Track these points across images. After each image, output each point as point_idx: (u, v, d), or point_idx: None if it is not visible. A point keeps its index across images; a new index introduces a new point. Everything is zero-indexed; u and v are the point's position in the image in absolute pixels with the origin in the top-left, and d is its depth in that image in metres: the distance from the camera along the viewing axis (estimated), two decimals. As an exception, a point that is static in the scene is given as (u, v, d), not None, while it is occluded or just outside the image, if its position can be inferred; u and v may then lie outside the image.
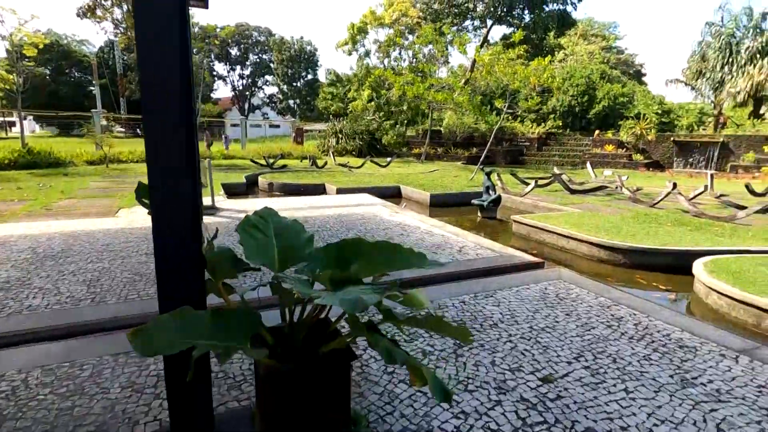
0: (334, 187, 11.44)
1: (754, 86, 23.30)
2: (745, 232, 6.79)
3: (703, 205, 9.65)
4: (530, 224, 7.23)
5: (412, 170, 17.65)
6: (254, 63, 62.02)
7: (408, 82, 18.84)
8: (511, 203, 10.32)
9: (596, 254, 6.07)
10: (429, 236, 6.04)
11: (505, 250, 5.40)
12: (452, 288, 4.09)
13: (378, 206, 8.56)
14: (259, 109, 64.68)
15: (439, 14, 32.41)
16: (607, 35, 49.75)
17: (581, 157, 21.57)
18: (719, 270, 4.63)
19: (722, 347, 2.98)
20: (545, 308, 3.61)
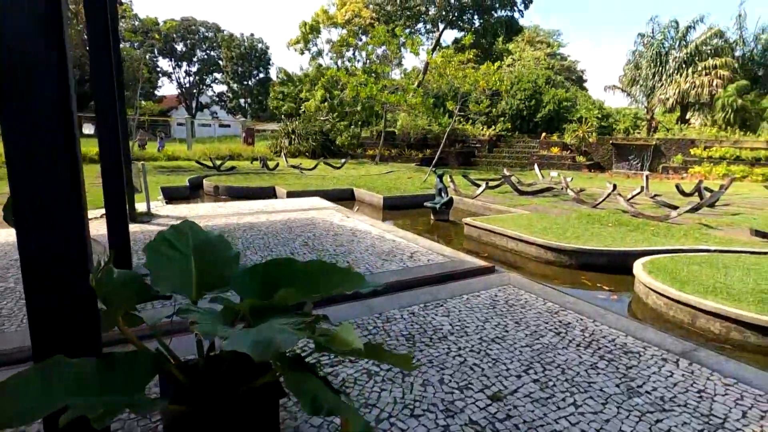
0: (284, 190, 11.02)
1: (681, 94, 25.27)
2: (678, 231, 7.19)
3: (640, 205, 10.20)
4: (481, 227, 7.26)
5: (366, 172, 17.48)
6: (202, 60, 59.38)
7: (361, 83, 18.66)
8: (464, 205, 10.40)
9: (544, 256, 6.17)
10: (380, 242, 5.87)
11: (456, 255, 5.33)
12: (402, 298, 3.93)
13: (329, 210, 8.29)
14: (208, 108, 62.04)
15: (392, 16, 32.52)
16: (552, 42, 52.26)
17: (530, 159, 22.38)
18: (657, 270, 4.80)
19: (663, 351, 3.02)
20: (495, 317, 3.53)
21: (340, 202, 10.95)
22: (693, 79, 24.75)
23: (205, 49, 59.50)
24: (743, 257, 5.42)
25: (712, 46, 25.87)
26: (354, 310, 3.59)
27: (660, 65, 26.98)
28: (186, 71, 59.47)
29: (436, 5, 30.84)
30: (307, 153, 24.29)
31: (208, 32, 58.59)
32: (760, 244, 6.42)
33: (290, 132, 25.13)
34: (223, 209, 8.13)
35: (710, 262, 5.15)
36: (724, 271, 4.77)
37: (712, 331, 3.92)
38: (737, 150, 19.18)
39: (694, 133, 22.70)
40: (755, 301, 3.94)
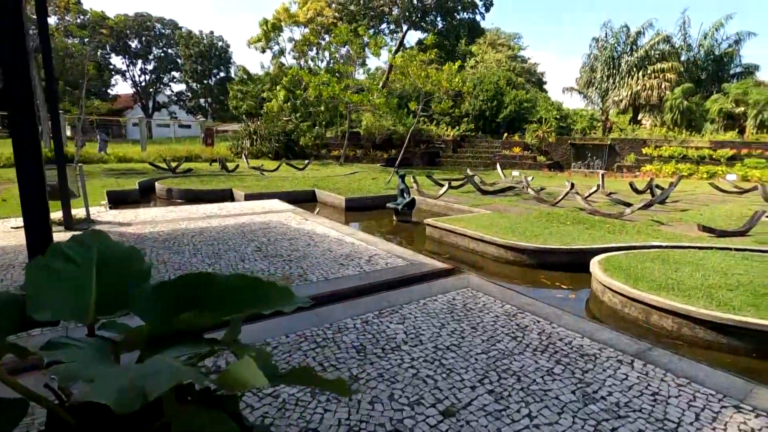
0: (242, 192, 10.58)
1: (633, 96, 26.46)
2: (632, 228, 7.38)
3: (597, 202, 10.48)
4: (442, 227, 7.17)
5: (330, 173, 17.17)
6: (158, 58, 56.94)
7: (323, 82, 18.32)
8: (426, 206, 10.33)
9: (504, 256, 6.14)
10: (338, 245, 5.64)
11: (416, 257, 5.19)
12: (357, 305, 3.73)
13: (287, 213, 7.97)
14: (166, 107, 59.55)
15: (356, 16, 32.30)
16: (513, 45, 53.62)
17: (493, 159, 22.74)
18: (612, 268, 4.84)
19: (619, 352, 2.97)
20: (452, 322, 3.40)
21: (301, 204, 10.63)
22: (643, 81, 25.97)
23: (162, 47, 57.11)
24: (692, 252, 5.58)
25: (660, 50, 27.25)
26: (302, 321, 3.35)
27: (613, 68, 28.16)
28: (141, 69, 56.88)
29: (399, 6, 30.87)
30: (269, 154, 23.66)
31: (164, 29, 56.26)
32: (706, 240, 6.67)
33: (252, 133, 24.41)
34: (172, 213, 7.65)
35: (662, 258, 5.26)
36: (674, 267, 4.87)
37: (665, 328, 3.96)
38: (684, 149, 20.24)
39: (645, 133, 23.81)
40: (703, 296, 4.01)
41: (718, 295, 4.02)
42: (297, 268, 4.65)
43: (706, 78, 27.35)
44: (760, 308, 3.72)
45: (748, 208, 10.25)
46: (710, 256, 5.37)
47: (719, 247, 6.05)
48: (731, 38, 26.48)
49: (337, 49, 29.16)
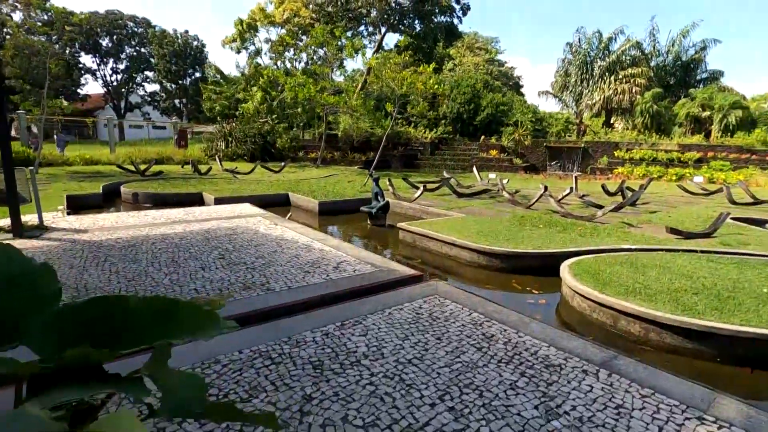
0: (212, 196, 10.25)
1: (605, 99, 27.09)
2: (603, 231, 7.44)
3: (570, 205, 10.58)
4: (416, 231, 7.07)
5: (306, 175, 16.92)
6: (131, 57, 55.34)
7: (299, 84, 18.05)
8: (401, 209, 10.22)
9: (477, 260, 6.07)
10: (306, 252, 5.46)
11: (386, 264, 5.05)
12: (319, 316, 3.56)
13: (257, 218, 7.73)
14: (139, 108, 57.94)
15: (333, 17, 32.08)
16: (490, 49, 54.35)
17: (470, 161, 22.87)
18: (582, 272, 4.81)
19: (584, 361, 2.90)
20: (416, 333, 3.27)
21: (274, 208, 10.38)
22: (615, 86, 26.63)
23: (135, 46, 55.55)
24: (659, 255, 5.62)
25: (630, 56, 28.02)
26: (259, 334, 3.17)
27: (586, 73, 28.79)
28: (113, 68, 55.16)
29: (376, 8, 30.83)
30: (245, 156, 23.19)
31: (137, 27, 54.74)
32: (673, 242, 6.76)
33: (227, 134, 23.89)
34: (134, 219, 7.31)
35: (631, 261, 5.27)
36: (642, 271, 4.88)
37: (632, 333, 3.94)
38: (654, 152, 20.79)
39: (617, 136, 24.38)
40: (669, 300, 4.01)
41: (684, 299, 4.02)
42: (260, 276, 4.45)
43: (674, 83, 28.25)
44: (724, 312, 3.73)
45: (713, 209, 10.53)
46: (677, 259, 5.42)
47: (686, 249, 6.13)
48: (698, 45, 27.44)
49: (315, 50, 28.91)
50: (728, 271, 4.92)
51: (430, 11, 32.35)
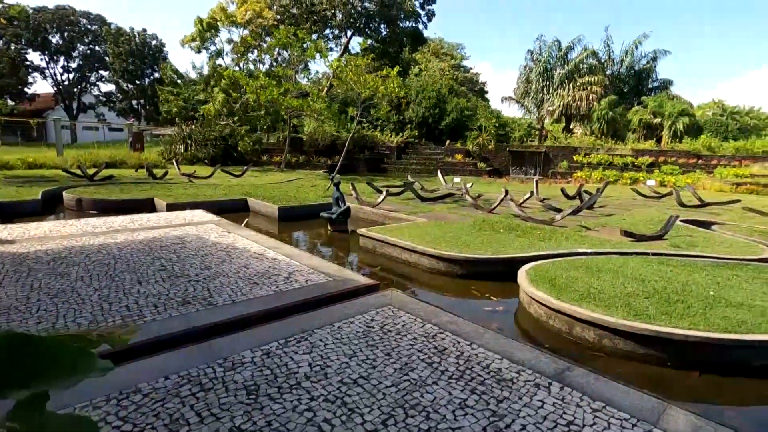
0: (164, 202, 9.71)
1: (565, 106, 28.03)
2: (561, 234, 7.53)
3: (530, 209, 10.73)
4: (376, 237, 6.89)
5: (269, 180, 16.44)
6: (84, 55, 52.59)
7: (262, 86, 17.57)
8: (364, 214, 10.04)
9: (436, 267, 5.96)
10: (257, 261, 5.17)
11: (340, 273, 4.84)
12: (262, 332, 3.31)
13: (209, 225, 7.33)
14: (93, 109, 55.11)
15: (298, 19, 31.64)
16: (455, 54, 55.30)
17: (436, 165, 23.01)
18: (538, 277, 4.78)
19: (537, 374, 2.80)
20: (365, 348, 3.08)
21: (232, 214, 9.96)
22: (574, 93, 27.60)
23: (88, 44, 52.86)
24: (613, 259, 5.70)
25: (587, 64, 29.14)
26: (190, 357, 2.89)
27: (547, 80, 29.72)
28: (64, 67, 52.24)
29: (341, 12, 30.67)
30: (206, 160, 22.35)
31: (91, 25, 52.11)
32: (627, 244, 6.91)
33: (186, 137, 22.97)
34: (71, 228, 6.75)
35: (586, 265, 5.30)
36: (597, 275, 4.90)
37: (587, 340, 3.90)
38: (610, 157, 21.62)
39: (576, 141, 25.22)
40: (623, 305, 4.01)
41: (636, 304, 4.04)
42: (203, 289, 4.14)
43: (628, 91, 29.59)
44: (673, 316, 3.76)
45: (664, 212, 10.96)
46: (630, 262, 5.51)
47: (638, 252, 6.27)
48: (649, 55, 28.89)
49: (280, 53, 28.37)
50: (677, 274, 5.02)
51: (395, 16, 32.52)
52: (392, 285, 5.64)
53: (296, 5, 31.52)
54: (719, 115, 34.44)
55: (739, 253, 6.49)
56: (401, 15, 32.90)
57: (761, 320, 3.71)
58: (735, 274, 5.20)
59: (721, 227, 8.99)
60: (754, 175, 18.58)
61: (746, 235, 8.05)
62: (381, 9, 31.15)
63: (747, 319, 3.72)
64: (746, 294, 4.40)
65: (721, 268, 5.44)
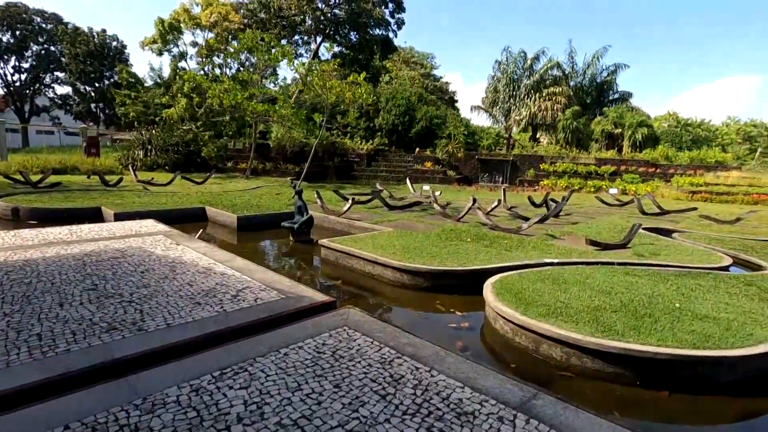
0: (112, 211, 9.01)
1: (531, 115, 28.64)
2: (528, 244, 7.42)
3: (498, 217, 10.67)
4: (338, 249, 6.54)
5: (232, 187, 15.79)
6: (38, 55, 49.86)
7: (225, 89, 16.93)
8: (329, 223, 9.66)
9: (400, 279, 5.67)
10: (204, 277, 4.72)
11: (295, 288, 4.47)
12: (194, 363, 2.90)
13: (158, 236, 6.78)
14: (48, 111, 52.31)
15: (266, 24, 31.09)
16: (426, 64, 55.95)
17: (405, 173, 22.91)
18: (504, 291, 4.57)
19: (501, 405, 2.53)
20: (312, 380, 2.73)
21: (188, 223, 9.38)
22: (539, 103, 28.27)
23: (42, 43, 50.21)
24: (580, 269, 5.58)
25: (552, 76, 29.97)
26: (101, 397, 2.45)
27: (514, 90, 30.34)
28: (15, 67, 49.37)
29: (311, 17, 30.36)
30: (167, 166, 21.36)
31: (45, 23, 49.53)
32: (593, 254, 6.86)
33: (146, 142, 21.90)
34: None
35: (553, 277, 5.15)
36: (564, 287, 4.74)
37: (554, 358, 3.70)
38: (575, 165, 22.15)
39: (542, 150, 25.77)
40: (590, 320, 3.84)
41: (604, 318, 3.87)
42: (135, 311, 3.67)
43: (590, 102, 30.60)
44: (641, 331, 3.61)
45: (627, 220, 11.15)
46: (596, 273, 5.40)
47: (604, 262, 6.20)
48: (609, 68, 30.00)
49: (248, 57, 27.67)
50: (643, 285, 4.93)
51: (365, 23, 32.49)
52: (353, 299, 5.32)
53: (264, 10, 30.99)
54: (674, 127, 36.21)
55: (700, 261, 6.54)
56: (371, 23, 32.92)
57: (727, 334, 3.61)
58: (698, 283, 5.18)
59: (681, 235, 9.17)
60: (708, 184, 19.44)
61: (705, 243, 8.21)
62: (350, 16, 31.06)
63: (714, 333, 3.61)
64: (710, 306, 4.34)
65: (684, 278, 5.42)
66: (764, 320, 3.98)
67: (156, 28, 23.61)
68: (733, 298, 4.67)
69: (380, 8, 32.78)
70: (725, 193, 18.13)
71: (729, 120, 46.39)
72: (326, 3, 32.05)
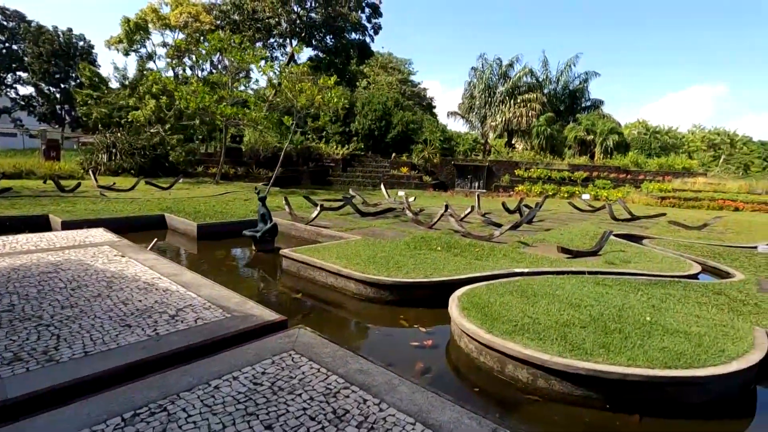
0: (59, 219, 8.37)
1: (506, 121, 28.88)
2: (499, 252, 7.21)
3: (471, 224, 10.48)
4: (299, 259, 6.17)
5: (199, 193, 15.16)
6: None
7: (194, 91, 16.32)
8: (296, 231, 9.26)
9: (363, 292, 5.35)
10: (143, 294, 4.27)
11: (242, 306, 4.08)
12: (104, 402, 2.48)
13: (103, 247, 6.25)
14: (8, 113, 49.88)
15: (240, 26, 30.43)
16: (404, 70, 56.07)
17: (381, 178, 22.63)
18: (470, 305, 4.30)
19: (455, 445, 2.23)
20: (241, 420, 2.36)
21: (145, 232, 8.82)
22: (514, 109, 28.54)
23: (4, 42, 48.01)
24: (549, 280, 5.38)
25: (526, 83, 30.36)
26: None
27: (489, 96, 30.58)
28: (-28, 65, 46.98)
29: (285, 20, 29.89)
30: (132, 171, 20.46)
31: (6, 21, 47.38)
32: (564, 262, 6.70)
33: (110, 145, 20.95)
34: None
35: (522, 289, 4.92)
36: (533, 301, 4.50)
37: (520, 380, 3.43)
38: (549, 171, 22.34)
39: (517, 156, 25.95)
40: (558, 337, 3.60)
41: (572, 335, 3.64)
42: (51, 337, 3.22)
43: (564, 109, 31.12)
44: (611, 349, 3.38)
45: (599, 226, 11.14)
46: (566, 284, 5.20)
47: (574, 272, 6.03)
48: (581, 76, 30.60)
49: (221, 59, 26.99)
50: (613, 297, 4.75)
51: (341, 27, 32.21)
52: (311, 316, 4.96)
53: (237, 11, 30.32)
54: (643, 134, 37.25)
55: (670, 269, 6.46)
56: (347, 27, 32.67)
57: (699, 350, 3.43)
58: (668, 293, 5.04)
59: (651, 242, 9.15)
60: (676, 190, 19.88)
61: (674, 250, 8.19)
62: (326, 20, 30.74)
63: (685, 350, 3.42)
64: (681, 318, 4.17)
65: (654, 287, 5.28)
66: (735, 333, 3.83)
67: (122, 27, 22.72)
68: (703, 309, 4.53)
69: (356, 12, 32.57)
70: (692, 199, 18.56)
71: (695, 128, 48.13)
72: (302, 6, 31.64)
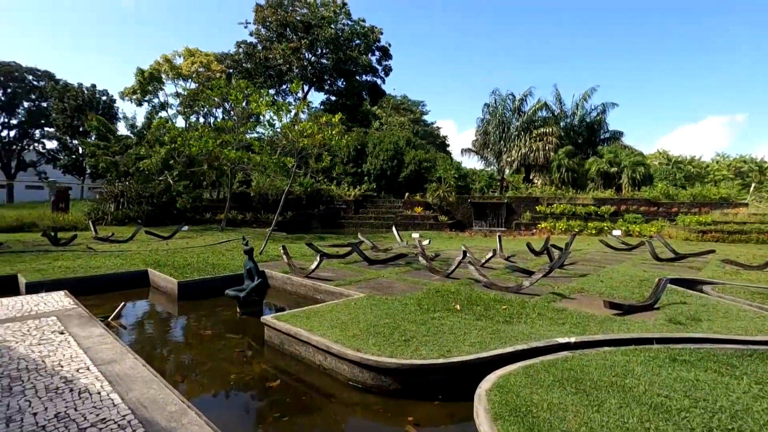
0: (25, 280, 7.43)
1: (522, 156, 27.85)
2: (532, 309, 5.87)
3: (495, 269, 9.15)
4: (283, 330, 4.95)
5: (200, 242, 14.27)
6: (29, 111, 50.03)
7: (199, 136, 15.88)
8: (291, 286, 8.07)
9: (360, 377, 4.06)
10: (48, 399, 3.11)
11: (179, 420, 2.86)
12: None
13: (50, 318, 5.18)
14: (34, 166, 51.72)
15: (252, 73, 30.99)
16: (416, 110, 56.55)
17: (395, 219, 21.57)
18: (506, 410, 2.98)
19: None
20: None
21: (124, 291, 7.83)
22: (530, 144, 27.57)
23: (34, 100, 50.63)
24: (609, 357, 4.00)
25: (541, 117, 29.56)
26: None
27: (504, 131, 29.79)
28: (3, 124, 49.27)
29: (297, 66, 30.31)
30: (139, 220, 19.94)
31: (38, 81, 50.13)
32: (616, 322, 5.30)
33: (118, 195, 20.62)
34: None
35: (575, 376, 3.56)
36: (595, 399, 3.14)
37: None
38: (573, 206, 20.92)
39: (537, 191, 24.66)
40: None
41: (675, 474, 2.27)
42: None
43: (582, 142, 30.01)
44: None
45: (640, 267, 9.67)
46: (633, 364, 3.82)
47: (638, 339, 4.63)
48: (599, 108, 29.68)
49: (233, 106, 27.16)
50: (710, 387, 3.35)
51: (352, 71, 32.52)
52: (287, 417, 3.67)
53: (250, 60, 30.99)
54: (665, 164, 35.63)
55: (755, 328, 4.99)
56: (358, 69, 32.99)
57: None
58: (781, 376, 3.60)
59: (714, 288, 7.62)
60: (717, 222, 18.13)
61: (746, 299, 6.67)
62: (336, 64, 31.08)
63: None
64: (832, 430, 2.75)
65: (754, 362, 3.85)
66: None
67: (136, 78, 23.08)
68: None
69: (366, 56, 32.97)
70: (737, 232, 16.78)
71: (718, 156, 46.19)
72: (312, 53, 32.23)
